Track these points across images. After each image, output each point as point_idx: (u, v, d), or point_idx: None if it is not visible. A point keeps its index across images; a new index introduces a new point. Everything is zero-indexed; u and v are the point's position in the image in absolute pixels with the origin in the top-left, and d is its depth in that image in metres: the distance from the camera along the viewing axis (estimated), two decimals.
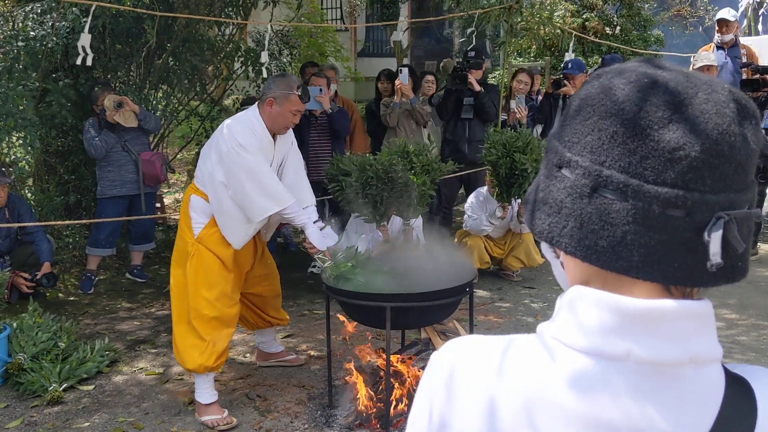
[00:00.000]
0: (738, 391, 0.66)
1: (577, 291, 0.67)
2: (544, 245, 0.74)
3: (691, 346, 0.63)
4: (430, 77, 6.44)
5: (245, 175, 3.02)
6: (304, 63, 6.50)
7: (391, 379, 3.02)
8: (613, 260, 0.63)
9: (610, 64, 4.95)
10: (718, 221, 0.61)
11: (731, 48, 6.34)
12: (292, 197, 3.11)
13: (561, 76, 5.97)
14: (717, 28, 6.33)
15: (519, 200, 4.87)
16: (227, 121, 3.21)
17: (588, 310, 0.65)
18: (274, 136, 3.21)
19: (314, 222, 3.26)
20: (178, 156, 7.52)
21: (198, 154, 6.84)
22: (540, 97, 6.31)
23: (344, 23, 12.47)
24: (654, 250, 0.62)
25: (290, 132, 3.39)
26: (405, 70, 5.58)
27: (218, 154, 3.08)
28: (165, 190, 7.35)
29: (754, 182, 0.65)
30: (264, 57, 4.62)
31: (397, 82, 5.57)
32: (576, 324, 0.66)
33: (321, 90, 4.92)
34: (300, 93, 3.15)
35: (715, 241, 0.60)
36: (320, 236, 3.16)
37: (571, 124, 0.68)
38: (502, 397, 0.67)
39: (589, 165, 0.65)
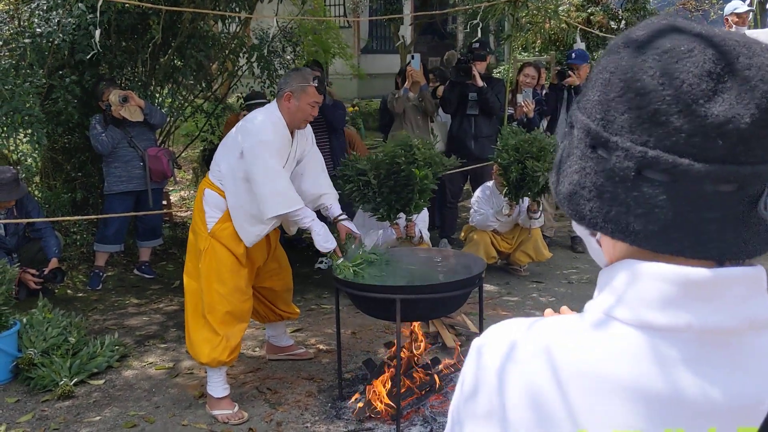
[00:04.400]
0: None
1: (630, 265, 0.64)
2: (575, 222, 0.70)
3: (750, 311, 0.62)
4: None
5: (262, 173, 3.02)
6: (308, 62, 6.49)
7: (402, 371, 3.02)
8: (665, 243, 0.61)
9: None
10: None
11: None
12: (301, 202, 3.11)
13: (565, 66, 5.95)
14: (733, 19, 6.27)
15: (528, 199, 4.84)
16: (250, 116, 3.21)
17: (644, 283, 0.63)
18: (292, 133, 3.22)
19: (339, 216, 3.27)
20: (182, 154, 7.52)
21: (203, 151, 6.87)
22: (545, 92, 6.30)
23: (347, 16, 12.45)
24: (707, 229, 0.60)
25: (310, 131, 3.40)
26: (417, 57, 5.57)
27: (240, 150, 3.07)
28: (170, 188, 7.35)
29: None
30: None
31: (408, 68, 5.56)
32: (632, 298, 0.63)
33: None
34: (316, 84, 3.15)
35: None
36: (323, 239, 3.14)
37: (602, 100, 0.64)
38: (551, 366, 0.64)
39: (631, 146, 0.61)
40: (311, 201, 3.32)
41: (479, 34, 5.68)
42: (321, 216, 3.32)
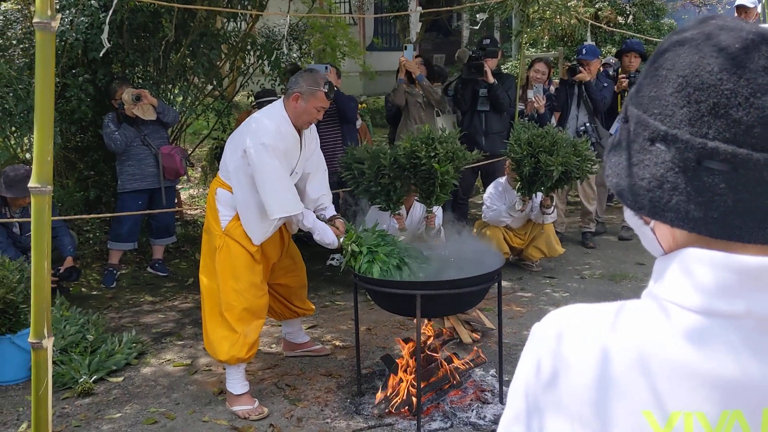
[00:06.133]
0: None
1: (690, 253, 0.67)
2: (628, 213, 0.73)
3: None
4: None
5: (263, 175, 3.04)
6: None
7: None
8: (725, 229, 0.64)
9: (636, 48, 4.87)
10: None
11: None
12: (301, 206, 3.17)
13: (576, 62, 5.94)
14: (736, 14, 6.27)
15: (541, 194, 4.84)
16: (256, 115, 3.22)
17: (704, 270, 0.65)
18: (299, 131, 3.22)
19: (335, 216, 3.35)
20: (191, 153, 7.53)
21: (212, 150, 6.87)
22: (552, 87, 6.29)
23: (352, 12, 12.45)
24: (767, 214, 0.64)
25: (315, 131, 3.41)
26: (409, 47, 5.53)
27: (243, 149, 3.09)
28: (180, 186, 7.37)
29: None
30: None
31: (401, 58, 5.51)
32: (691, 285, 0.66)
33: (327, 68, 4.95)
34: (326, 90, 3.14)
35: None
36: (328, 237, 3.22)
37: (660, 96, 0.68)
38: (615, 349, 0.66)
39: (690, 138, 0.65)
40: (312, 201, 3.37)
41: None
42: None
